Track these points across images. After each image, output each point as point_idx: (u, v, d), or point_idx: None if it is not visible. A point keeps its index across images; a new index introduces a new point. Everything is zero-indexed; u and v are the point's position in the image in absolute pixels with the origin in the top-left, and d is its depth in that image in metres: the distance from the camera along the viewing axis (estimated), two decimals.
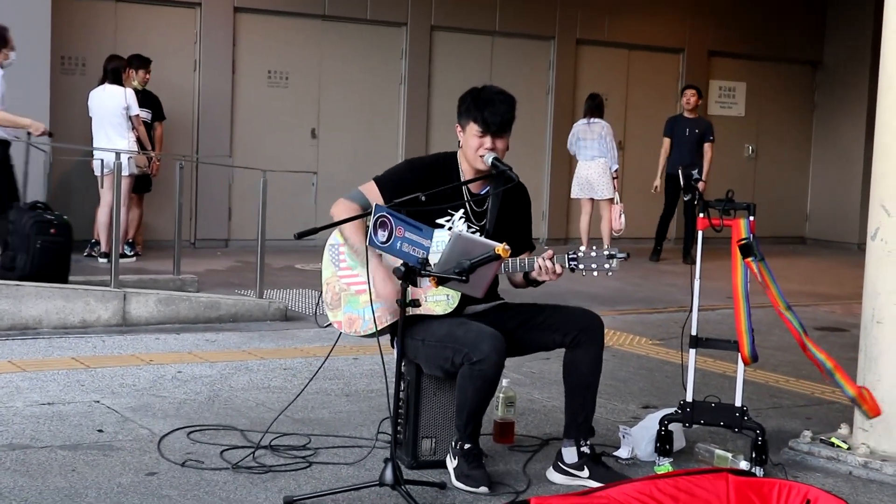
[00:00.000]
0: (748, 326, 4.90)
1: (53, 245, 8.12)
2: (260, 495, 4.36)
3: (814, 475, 5.01)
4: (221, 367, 6.66)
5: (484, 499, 4.42)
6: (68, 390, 5.93)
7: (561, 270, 4.56)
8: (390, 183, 4.72)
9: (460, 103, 4.80)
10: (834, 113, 17.34)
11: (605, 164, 12.68)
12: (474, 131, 4.71)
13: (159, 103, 11.67)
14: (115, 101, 10.69)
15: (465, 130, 4.76)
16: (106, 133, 10.67)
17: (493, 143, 4.71)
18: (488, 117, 4.68)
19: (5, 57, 8.71)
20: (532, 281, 4.69)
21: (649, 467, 4.95)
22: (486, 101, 4.71)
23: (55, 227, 8.19)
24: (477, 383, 4.44)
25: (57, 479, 4.44)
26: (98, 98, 10.82)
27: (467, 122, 4.74)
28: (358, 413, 5.70)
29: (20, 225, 8.15)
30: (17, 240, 8.12)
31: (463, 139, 4.79)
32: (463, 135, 4.78)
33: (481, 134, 4.69)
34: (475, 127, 4.71)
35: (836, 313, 10.17)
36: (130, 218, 11.16)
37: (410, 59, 14.26)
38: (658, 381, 6.95)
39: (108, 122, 10.70)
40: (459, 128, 4.80)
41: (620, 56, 15.92)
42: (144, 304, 8.06)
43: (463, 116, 4.77)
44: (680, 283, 11.38)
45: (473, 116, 4.71)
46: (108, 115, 10.70)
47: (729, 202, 5.01)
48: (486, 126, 4.68)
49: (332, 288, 4.76)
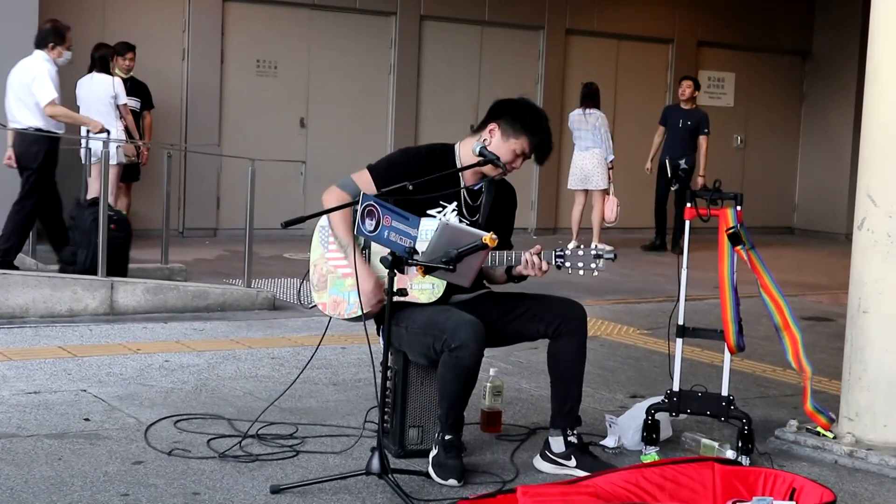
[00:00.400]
0: (734, 316, 4.92)
1: (113, 240, 8.32)
2: (247, 484, 4.36)
3: (800, 464, 5.02)
4: (209, 357, 6.66)
5: (466, 488, 4.42)
6: (55, 379, 5.92)
7: (547, 267, 4.57)
8: (384, 171, 4.69)
9: (514, 112, 4.75)
10: (822, 103, 17.37)
11: (600, 154, 12.69)
12: (520, 147, 4.72)
13: (148, 92, 11.63)
14: (103, 90, 10.65)
15: (509, 140, 4.71)
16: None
17: (520, 165, 4.79)
18: (546, 149, 4.76)
19: (59, 54, 8.78)
20: (513, 277, 4.69)
21: (636, 456, 4.96)
22: (547, 130, 4.75)
23: (114, 222, 8.48)
24: (455, 371, 4.43)
25: (43, 468, 4.44)
26: (86, 87, 10.78)
27: (519, 136, 4.71)
28: (345, 402, 5.71)
29: (81, 221, 8.50)
30: (79, 235, 8.50)
31: (498, 141, 4.72)
32: (499, 137, 4.72)
33: (524, 154, 4.74)
34: (526, 146, 4.72)
35: (823, 303, 10.19)
36: (118, 207, 11.12)
37: (400, 48, 14.24)
38: (645, 370, 6.97)
39: (95, 111, 10.65)
40: (497, 129, 4.73)
41: (610, 46, 15.91)
42: (132, 293, 8.04)
43: (514, 127, 4.71)
44: (668, 273, 11.39)
45: (532, 140, 4.72)
46: (95, 104, 10.66)
47: (716, 192, 5.03)
48: (541, 157, 4.77)
49: (318, 269, 4.76)
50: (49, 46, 8.78)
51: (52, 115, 8.67)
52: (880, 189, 5.08)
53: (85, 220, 8.45)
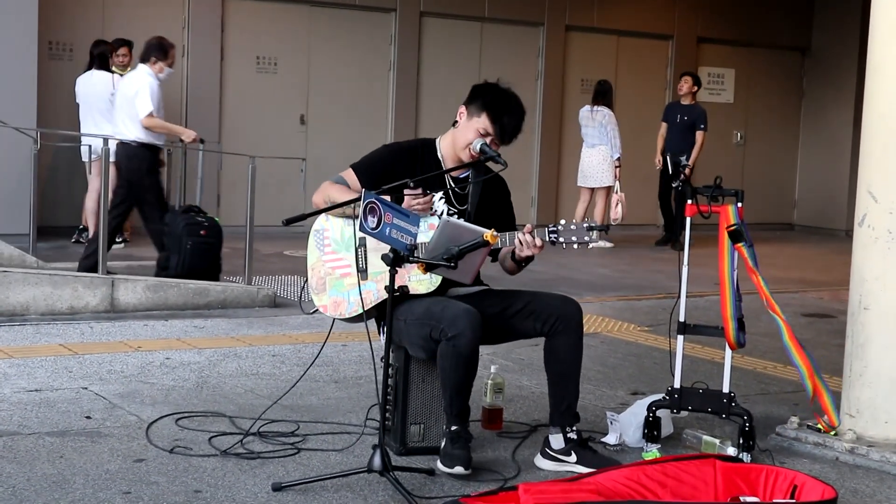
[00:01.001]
0: (734, 312, 4.92)
1: (204, 246, 8.58)
2: (248, 482, 4.36)
3: (801, 461, 5.03)
4: (210, 354, 6.66)
5: (471, 484, 4.42)
6: (56, 377, 5.92)
7: (542, 243, 4.57)
8: (367, 168, 4.76)
9: (480, 92, 4.79)
10: (822, 99, 17.37)
11: (605, 151, 12.72)
12: (482, 126, 4.71)
13: None
14: (103, 87, 10.66)
15: (472, 119, 4.75)
16: (94, 119, 10.65)
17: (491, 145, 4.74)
18: (507, 125, 4.72)
19: (160, 70, 9.00)
20: (518, 261, 4.70)
21: (637, 453, 4.96)
22: (510, 109, 4.73)
23: (205, 228, 8.70)
24: (453, 359, 4.44)
25: (45, 466, 4.44)
26: (85, 84, 10.79)
27: (480, 113, 4.73)
28: (346, 399, 5.71)
29: (174, 227, 8.67)
30: (171, 241, 8.68)
31: (463, 124, 4.78)
32: (465, 119, 4.78)
33: (487, 133, 4.71)
34: (487, 123, 4.71)
35: (824, 299, 10.19)
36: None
37: (399, 45, 14.23)
38: (646, 367, 6.97)
39: (95, 109, 10.67)
40: (465, 111, 4.79)
41: (609, 42, 15.91)
42: (132, 291, 8.04)
43: (477, 105, 4.75)
44: (667, 270, 11.39)
45: (492, 115, 4.71)
46: (95, 101, 10.67)
47: (717, 188, 5.03)
48: (503, 133, 4.73)
49: (316, 272, 4.77)
50: (151, 61, 8.99)
51: (149, 126, 8.93)
52: (881, 185, 5.08)
53: (177, 226, 8.62)
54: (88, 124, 10.63)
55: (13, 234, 9.23)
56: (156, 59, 8.99)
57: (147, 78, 8.94)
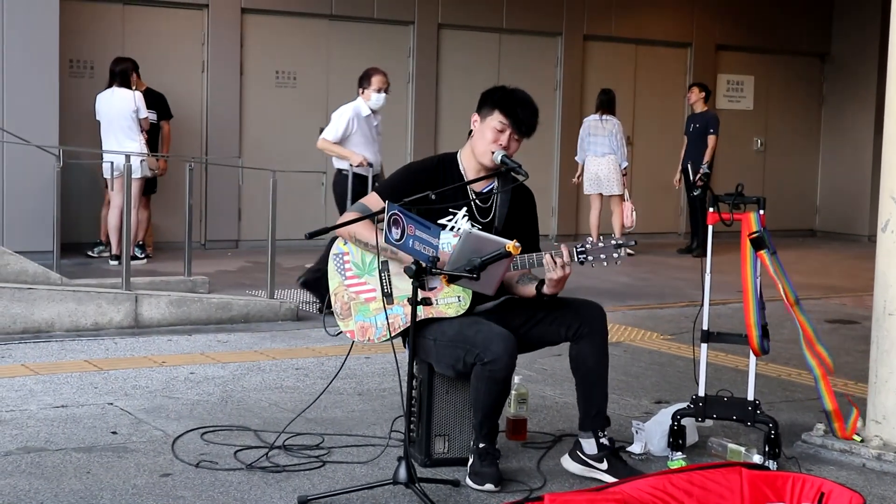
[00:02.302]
0: (757, 320, 4.90)
1: None
2: (274, 495, 4.37)
3: (827, 468, 5.00)
4: (234, 368, 6.68)
5: (498, 496, 4.42)
6: (81, 393, 5.95)
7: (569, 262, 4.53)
8: (389, 190, 4.70)
9: (488, 95, 4.79)
10: (842, 105, 17.29)
11: (615, 160, 12.74)
12: (498, 123, 4.70)
13: (165, 102, 11.66)
14: (126, 105, 10.71)
15: (485, 121, 4.75)
16: (116, 136, 10.69)
17: (509, 143, 4.72)
18: (521, 115, 4.69)
19: (367, 97, 9.30)
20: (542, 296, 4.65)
21: (662, 462, 4.95)
22: (521, 102, 4.73)
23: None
24: (489, 384, 4.45)
25: (72, 482, 4.46)
26: (107, 102, 10.83)
27: (492, 112, 4.73)
28: (371, 412, 5.72)
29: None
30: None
31: (478, 130, 4.77)
32: (480, 125, 4.77)
33: (503, 128, 4.69)
34: (501, 119, 4.70)
35: (848, 305, 10.15)
36: (140, 220, 11.19)
37: (418, 57, 14.25)
38: (670, 375, 6.95)
39: (118, 126, 10.71)
40: (477, 118, 4.79)
41: (628, 51, 15.89)
42: (156, 306, 8.08)
43: (487, 107, 4.75)
44: (688, 278, 11.37)
45: (504, 110, 4.70)
46: (117, 119, 10.71)
47: (739, 196, 5.02)
48: (517, 123, 4.70)
49: (340, 298, 4.74)
50: (360, 91, 9.35)
51: (321, 148, 9.32)
52: None
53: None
54: (110, 141, 10.67)
55: (36, 251, 9.28)
56: (363, 89, 9.35)
57: (349, 106, 9.29)
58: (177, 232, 11.45)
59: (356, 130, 9.23)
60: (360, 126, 9.26)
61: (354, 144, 9.22)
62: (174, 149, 11.95)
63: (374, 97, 9.32)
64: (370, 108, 9.34)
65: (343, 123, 9.18)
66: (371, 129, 9.37)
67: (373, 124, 9.40)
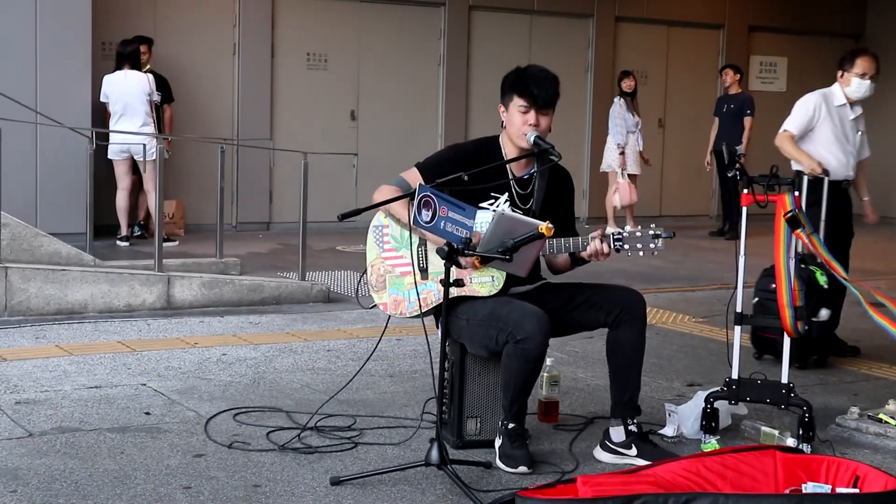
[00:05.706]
0: (789, 300, 4.87)
1: None
2: (307, 476, 4.38)
3: (862, 451, 4.97)
4: (265, 350, 6.70)
5: (530, 478, 4.42)
6: (115, 373, 5.98)
7: (609, 250, 4.55)
8: (433, 167, 4.68)
9: (504, 82, 4.78)
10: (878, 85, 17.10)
11: (611, 140, 12.89)
12: (519, 106, 4.68)
13: (168, 85, 11.59)
14: (140, 87, 10.61)
15: (509, 108, 4.73)
16: (132, 119, 10.57)
17: (538, 119, 4.68)
18: (535, 90, 4.66)
19: (847, 82, 7.37)
20: (577, 261, 4.68)
21: (696, 445, 4.93)
22: (532, 77, 4.70)
23: None
24: (521, 362, 4.43)
25: (106, 462, 4.49)
26: (118, 84, 10.68)
27: (511, 97, 4.71)
28: (402, 393, 5.72)
29: None
30: None
31: (507, 118, 4.76)
32: (507, 113, 4.76)
33: (526, 109, 4.67)
34: (520, 101, 4.68)
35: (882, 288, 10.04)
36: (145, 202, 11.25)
37: (449, 39, 14.23)
38: (702, 358, 6.92)
39: (132, 108, 10.64)
40: (503, 108, 4.78)
41: (660, 33, 15.80)
42: (188, 288, 8.11)
43: (507, 94, 4.75)
44: (720, 260, 11.31)
45: (519, 91, 4.69)
46: (132, 101, 10.61)
47: (773, 178, 4.99)
48: (534, 99, 4.66)
49: (376, 270, 4.75)
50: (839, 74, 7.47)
51: (777, 145, 7.41)
52: None
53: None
54: (126, 124, 10.58)
55: (69, 233, 9.34)
56: (842, 72, 7.43)
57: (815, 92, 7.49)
58: (208, 214, 11.46)
59: (821, 122, 7.28)
60: (831, 118, 7.28)
61: (818, 141, 7.27)
62: (208, 131, 11.96)
63: (856, 83, 7.34)
64: (846, 97, 7.35)
65: (808, 113, 7.28)
66: (845, 123, 7.33)
67: (848, 118, 7.35)
